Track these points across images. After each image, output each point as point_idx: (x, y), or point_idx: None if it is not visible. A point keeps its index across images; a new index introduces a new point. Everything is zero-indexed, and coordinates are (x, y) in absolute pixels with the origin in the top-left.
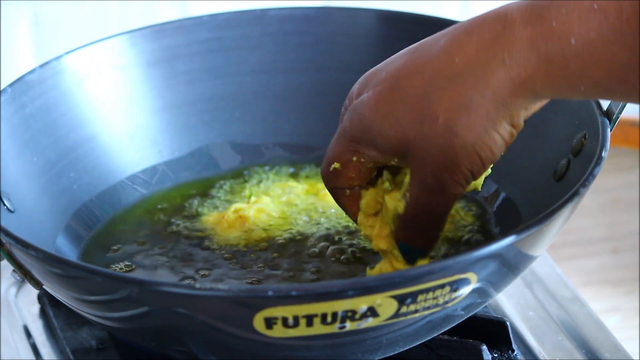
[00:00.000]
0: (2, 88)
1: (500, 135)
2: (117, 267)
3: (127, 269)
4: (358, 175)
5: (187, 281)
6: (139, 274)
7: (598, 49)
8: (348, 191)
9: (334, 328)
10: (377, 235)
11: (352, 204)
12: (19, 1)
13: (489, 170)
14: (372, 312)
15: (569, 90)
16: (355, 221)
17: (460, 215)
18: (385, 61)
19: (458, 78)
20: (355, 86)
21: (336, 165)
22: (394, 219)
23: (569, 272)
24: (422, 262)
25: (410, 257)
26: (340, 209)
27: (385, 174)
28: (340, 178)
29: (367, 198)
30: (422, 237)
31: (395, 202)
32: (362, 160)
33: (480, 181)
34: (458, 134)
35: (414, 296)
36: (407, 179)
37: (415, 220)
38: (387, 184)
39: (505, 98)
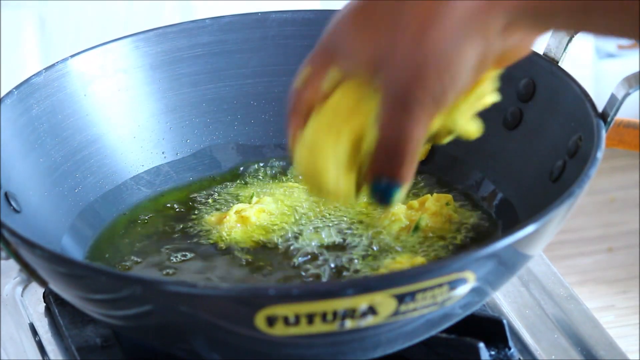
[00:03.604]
0: (9, 90)
1: (472, 49)
2: (121, 266)
3: (131, 268)
4: (324, 86)
5: (189, 280)
6: (142, 273)
7: None
8: (303, 110)
9: (335, 326)
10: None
11: (297, 129)
12: (24, 5)
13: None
14: (371, 310)
15: (547, 7)
16: (291, 147)
17: (459, 214)
18: None
19: None
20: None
21: (307, 70)
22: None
23: (565, 271)
24: (397, 203)
25: (383, 196)
26: (342, 208)
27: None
28: (306, 87)
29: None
30: (395, 166)
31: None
32: (333, 72)
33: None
34: (428, 41)
35: (412, 295)
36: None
37: (387, 143)
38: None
39: (480, 8)
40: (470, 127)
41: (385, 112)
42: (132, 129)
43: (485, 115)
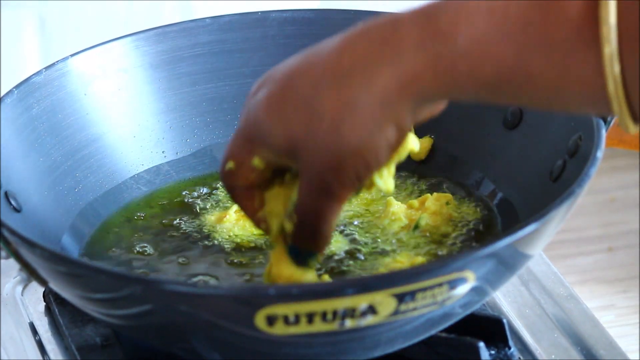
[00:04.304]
0: (9, 89)
1: (385, 138)
2: (122, 265)
3: (131, 268)
4: (253, 174)
5: (190, 279)
6: (142, 273)
7: (485, 48)
8: (243, 190)
9: (334, 325)
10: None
11: (248, 203)
12: (24, 5)
13: (413, 148)
14: (371, 310)
15: (458, 91)
16: (253, 221)
17: (458, 214)
18: (284, 61)
19: (345, 77)
20: (255, 85)
21: (231, 164)
22: (286, 221)
23: (565, 271)
24: (312, 266)
25: (300, 259)
26: (343, 209)
27: (288, 175)
28: (236, 177)
29: (275, 197)
30: (312, 240)
31: (286, 202)
32: (257, 160)
33: (404, 152)
34: (343, 133)
35: (412, 294)
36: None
37: (304, 223)
38: (288, 177)
39: (392, 98)
40: (388, 185)
41: (302, 194)
42: (132, 129)
43: (485, 115)
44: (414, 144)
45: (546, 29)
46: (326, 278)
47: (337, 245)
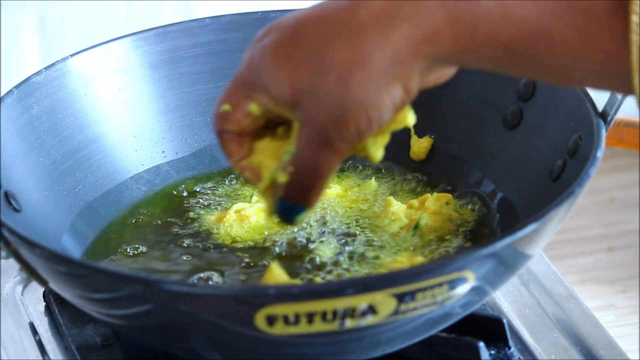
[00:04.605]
0: (9, 89)
1: (390, 97)
2: (121, 265)
3: (131, 267)
4: (247, 120)
5: (189, 279)
6: (142, 272)
7: (508, 10)
8: (232, 136)
9: (334, 325)
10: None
11: (236, 149)
12: (24, 5)
13: (410, 120)
14: (371, 310)
15: (474, 54)
16: (237, 168)
17: (458, 213)
18: (294, 11)
19: (360, 30)
20: (260, 31)
21: (226, 107)
22: (279, 173)
23: (565, 271)
24: (299, 222)
25: (288, 215)
26: (342, 209)
27: (280, 129)
28: (229, 121)
29: (265, 149)
30: (305, 193)
31: (282, 154)
32: (254, 106)
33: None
34: (349, 86)
35: (412, 294)
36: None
37: (300, 174)
38: (280, 131)
39: (404, 56)
40: (378, 154)
41: (302, 146)
42: (132, 128)
43: (485, 115)
44: (410, 117)
45: None
46: (318, 280)
47: (337, 245)
